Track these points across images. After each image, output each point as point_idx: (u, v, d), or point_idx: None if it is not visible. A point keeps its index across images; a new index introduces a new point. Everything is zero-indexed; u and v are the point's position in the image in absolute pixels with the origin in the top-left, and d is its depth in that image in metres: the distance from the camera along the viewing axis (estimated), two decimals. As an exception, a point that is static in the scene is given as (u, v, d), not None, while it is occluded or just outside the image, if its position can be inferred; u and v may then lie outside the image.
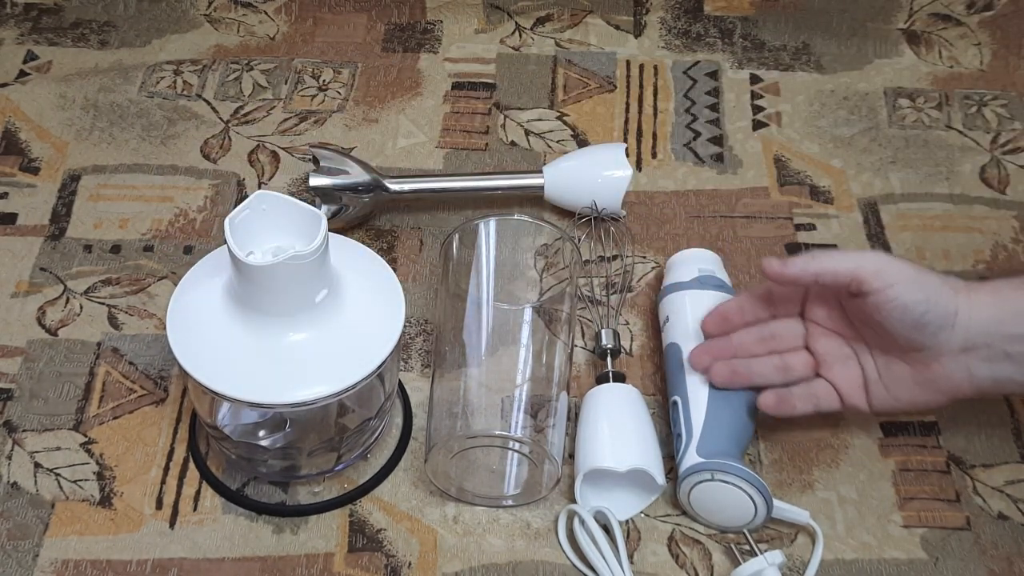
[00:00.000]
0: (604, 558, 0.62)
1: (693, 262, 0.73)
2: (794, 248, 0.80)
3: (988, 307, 0.59)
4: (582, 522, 0.63)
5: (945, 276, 0.61)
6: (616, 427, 0.65)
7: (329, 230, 0.56)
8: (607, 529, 0.64)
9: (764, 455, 0.69)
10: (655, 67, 0.93)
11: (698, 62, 0.94)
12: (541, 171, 0.80)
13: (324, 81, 0.92)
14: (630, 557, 0.64)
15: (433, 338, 0.72)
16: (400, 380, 0.71)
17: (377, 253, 0.65)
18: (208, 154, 0.85)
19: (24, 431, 0.69)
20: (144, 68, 0.92)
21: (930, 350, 0.61)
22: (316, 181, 0.77)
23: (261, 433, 0.67)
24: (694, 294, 0.70)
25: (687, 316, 0.69)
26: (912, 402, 0.63)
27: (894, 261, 0.60)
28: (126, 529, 0.65)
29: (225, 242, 0.55)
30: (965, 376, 0.61)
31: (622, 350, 0.74)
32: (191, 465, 0.68)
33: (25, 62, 0.93)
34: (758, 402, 0.65)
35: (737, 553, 0.63)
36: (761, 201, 0.83)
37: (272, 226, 0.56)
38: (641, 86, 0.92)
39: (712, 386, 0.65)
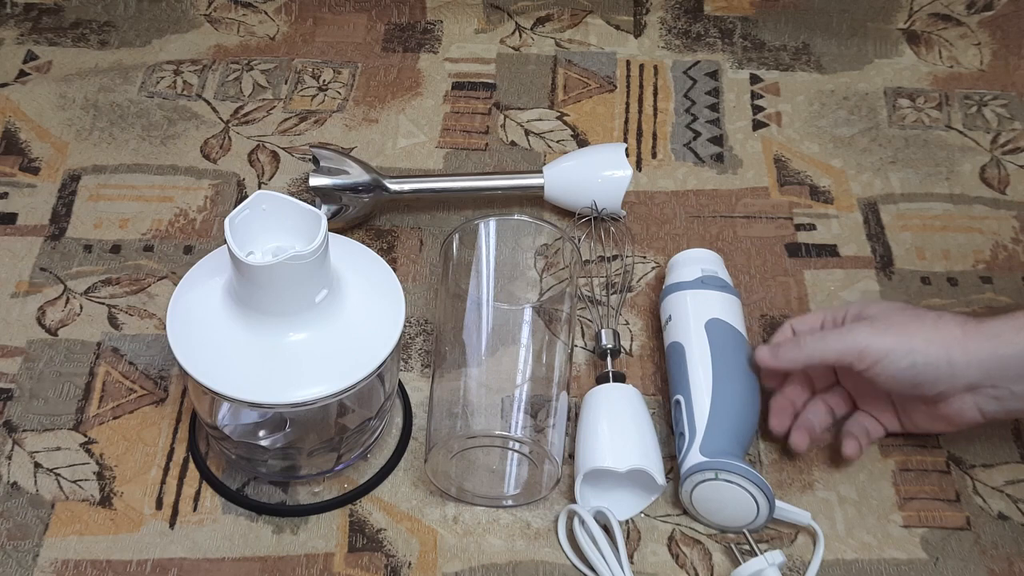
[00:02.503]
0: (604, 558, 0.62)
1: (696, 262, 0.73)
2: (794, 248, 0.80)
3: (988, 351, 0.60)
4: (582, 522, 0.63)
5: (938, 321, 0.61)
6: (616, 427, 0.65)
7: (329, 230, 0.56)
8: (607, 529, 0.64)
9: (764, 455, 0.69)
10: (655, 67, 0.93)
11: (698, 62, 0.94)
12: (541, 171, 0.80)
13: (324, 81, 0.92)
14: (630, 557, 0.64)
15: (433, 338, 0.72)
16: (400, 380, 0.71)
17: (377, 253, 0.65)
18: (208, 154, 0.85)
19: (24, 431, 0.69)
20: (144, 68, 0.92)
21: (935, 397, 0.62)
22: (316, 181, 0.77)
23: (261, 433, 0.67)
24: (697, 294, 0.70)
25: (690, 316, 0.69)
26: (930, 429, 0.67)
27: (878, 334, 0.61)
28: (126, 529, 0.65)
29: (225, 242, 0.55)
30: (975, 411, 0.62)
31: (622, 350, 0.74)
32: (191, 465, 0.68)
33: (25, 62, 0.93)
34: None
35: (737, 553, 0.63)
36: (761, 201, 0.83)
37: (272, 226, 0.56)
38: (641, 86, 0.92)
39: (716, 385, 0.65)
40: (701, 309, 0.69)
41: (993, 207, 0.83)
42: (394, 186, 0.79)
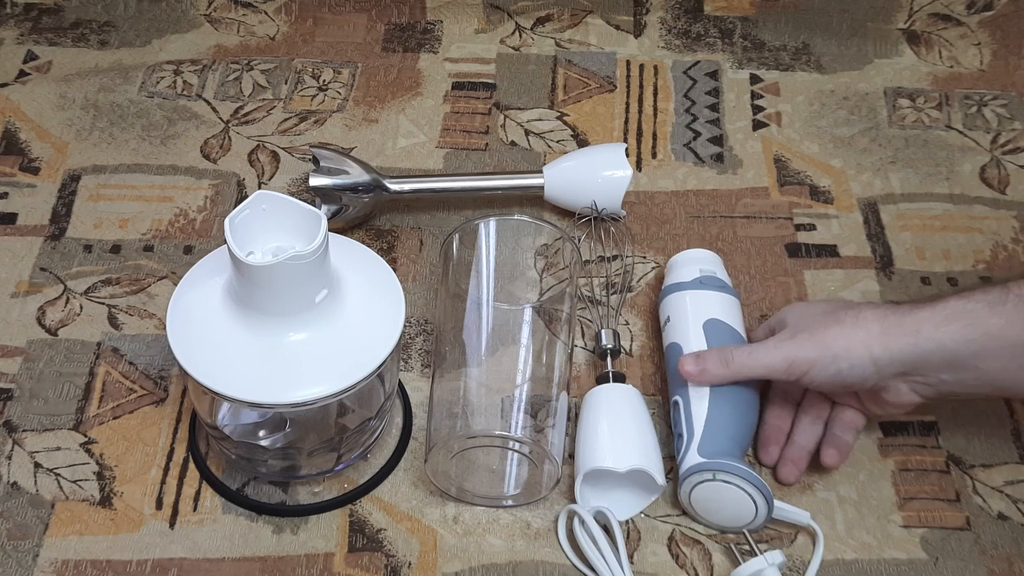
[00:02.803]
0: (604, 558, 0.62)
1: (694, 263, 0.73)
2: (794, 248, 0.80)
3: (908, 347, 0.60)
4: (582, 522, 0.63)
5: (857, 320, 0.61)
6: (616, 427, 0.65)
7: (329, 230, 0.56)
8: (607, 529, 0.64)
9: (764, 455, 0.69)
10: (655, 67, 0.93)
11: (698, 62, 0.94)
12: (541, 171, 0.80)
13: (324, 81, 0.92)
14: (630, 557, 0.64)
15: (433, 338, 0.72)
16: (400, 380, 0.71)
17: (377, 253, 0.65)
18: (208, 154, 0.86)
19: (24, 431, 0.69)
20: (144, 68, 0.92)
21: (871, 389, 0.63)
22: (316, 181, 0.77)
23: (261, 433, 0.67)
24: (695, 294, 0.70)
25: (688, 316, 0.69)
26: (883, 414, 0.68)
27: (800, 346, 0.62)
28: (126, 529, 0.65)
29: (225, 242, 0.55)
30: (911, 395, 0.63)
31: (622, 350, 0.74)
32: (191, 465, 0.68)
33: (25, 62, 0.93)
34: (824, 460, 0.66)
35: (737, 553, 0.63)
36: (761, 201, 0.83)
37: (272, 226, 0.56)
38: (641, 86, 0.92)
39: (714, 386, 0.65)
40: (699, 309, 0.69)
41: (993, 207, 0.83)
42: (394, 186, 0.79)
